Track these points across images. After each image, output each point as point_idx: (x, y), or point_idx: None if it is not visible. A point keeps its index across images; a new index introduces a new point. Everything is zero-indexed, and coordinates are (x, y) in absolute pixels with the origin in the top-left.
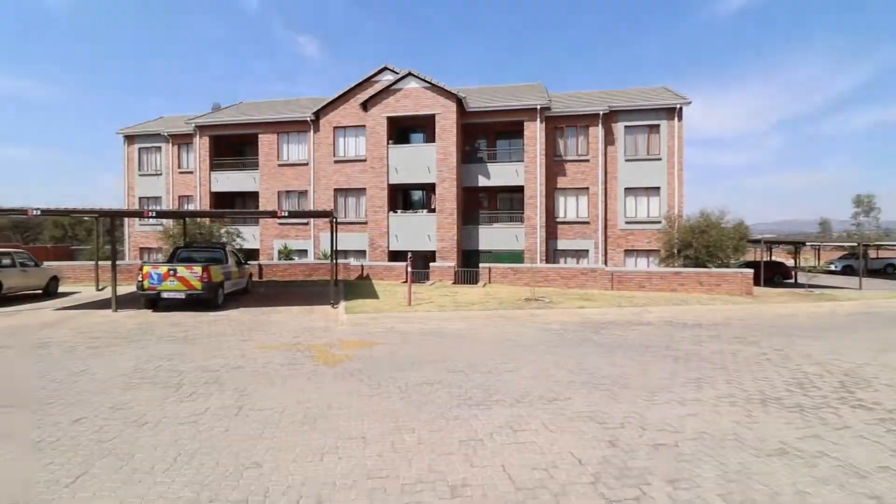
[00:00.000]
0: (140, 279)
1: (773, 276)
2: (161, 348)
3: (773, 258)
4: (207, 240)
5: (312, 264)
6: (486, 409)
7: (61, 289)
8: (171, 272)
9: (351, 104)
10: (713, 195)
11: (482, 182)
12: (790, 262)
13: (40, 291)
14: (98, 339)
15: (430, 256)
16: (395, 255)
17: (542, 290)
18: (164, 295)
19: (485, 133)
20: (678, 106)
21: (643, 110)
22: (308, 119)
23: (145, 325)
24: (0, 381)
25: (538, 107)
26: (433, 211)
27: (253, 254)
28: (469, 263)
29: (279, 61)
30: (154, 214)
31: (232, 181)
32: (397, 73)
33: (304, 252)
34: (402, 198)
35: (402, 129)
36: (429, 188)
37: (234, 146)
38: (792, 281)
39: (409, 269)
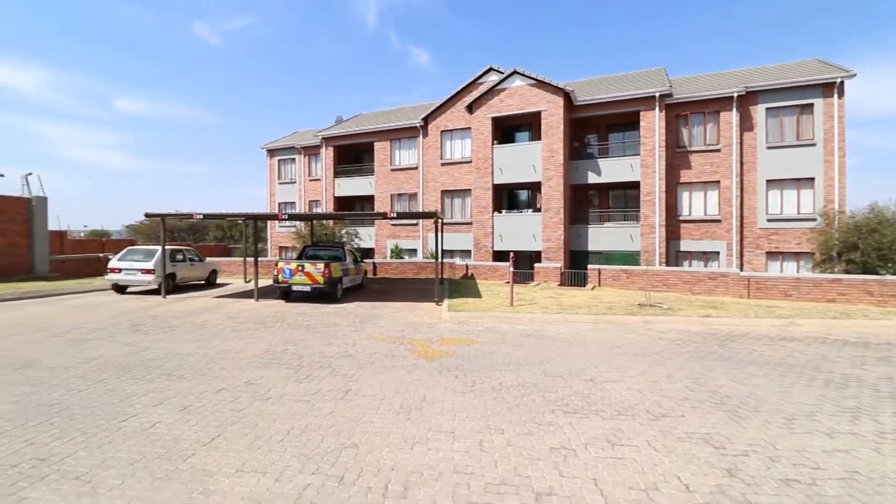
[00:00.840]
0: (275, 274)
1: None
2: (288, 334)
3: None
4: (330, 239)
5: (420, 263)
6: (583, 418)
7: (219, 280)
8: (300, 268)
9: (457, 107)
10: (889, 186)
11: (592, 179)
12: None
13: (203, 282)
14: (242, 323)
15: (535, 257)
16: (500, 256)
17: (659, 296)
18: (294, 288)
19: (595, 127)
20: (838, 80)
21: (791, 88)
22: (417, 125)
23: (278, 314)
24: (167, 355)
25: (657, 94)
26: (539, 210)
27: (369, 252)
28: (577, 265)
29: (395, 73)
30: (286, 217)
31: (352, 186)
32: (502, 73)
33: (413, 251)
34: (507, 198)
35: (507, 129)
36: (534, 187)
37: (353, 154)
38: None
39: (512, 269)
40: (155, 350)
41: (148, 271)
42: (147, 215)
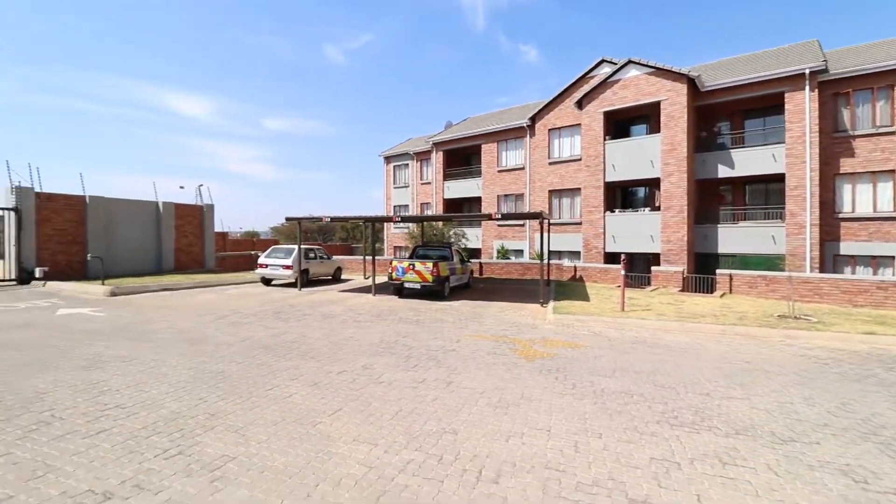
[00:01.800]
0: (390, 271)
1: None
2: (400, 327)
3: None
4: (439, 240)
5: (526, 263)
6: (693, 432)
7: (343, 276)
8: (411, 266)
9: (566, 104)
10: None
11: (723, 172)
12: None
13: (330, 277)
14: (361, 315)
15: (652, 260)
16: (612, 257)
17: (807, 307)
18: (406, 285)
19: (727, 113)
20: None
21: None
22: (524, 125)
23: (392, 308)
24: (301, 339)
25: (807, 70)
26: (657, 209)
27: (476, 253)
28: (703, 269)
29: (504, 73)
30: (399, 220)
31: (460, 188)
32: (615, 64)
33: (519, 252)
34: (621, 196)
35: (621, 123)
36: (652, 184)
37: (462, 157)
38: None
39: (623, 271)
40: (292, 334)
41: (287, 267)
42: (287, 219)
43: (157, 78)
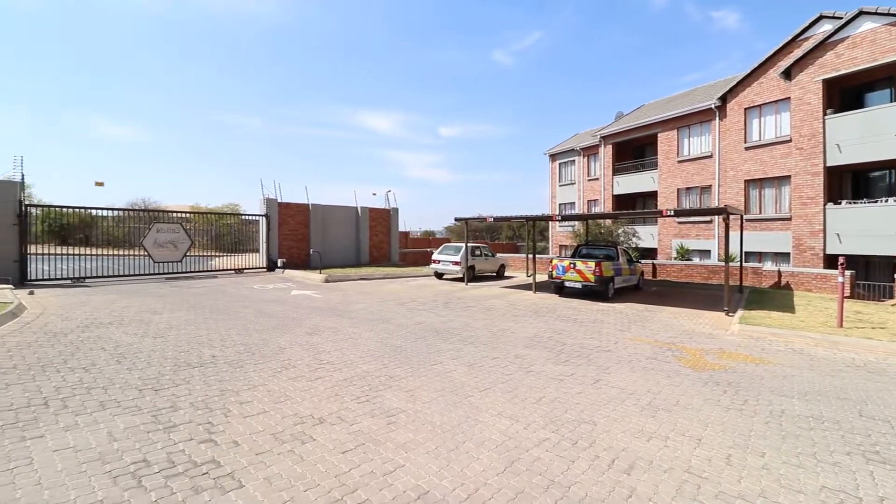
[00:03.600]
0: (550, 270)
1: None
2: (556, 324)
3: None
4: (606, 239)
5: (711, 266)
6: (894, 471)
7: (506, 273)
8: (572, 265)
9: (767, 77)
10: None
11: None
12: None
13: (494, 274)
14: (520, 310)
15: None
16: (836, 261)
17: None
18: (567, 284)
19: None
20: None
21: None
22: (712, 106)
23: (550, 306)
24: (464, 327)
25: None
26: None
27: (651, 253)
28: None
29: (692, 48)
30: (560, 218)
31: (631, 183)
32: (839, 19)
33: (706, 253)
34: (851, 183)
35: (848, 92)
36: None
37: (634, 149)
38: None
39: (841, 277)
40: (457, 322)
41: (456, 263)
42: (456, 219)
43: (358, 102)
